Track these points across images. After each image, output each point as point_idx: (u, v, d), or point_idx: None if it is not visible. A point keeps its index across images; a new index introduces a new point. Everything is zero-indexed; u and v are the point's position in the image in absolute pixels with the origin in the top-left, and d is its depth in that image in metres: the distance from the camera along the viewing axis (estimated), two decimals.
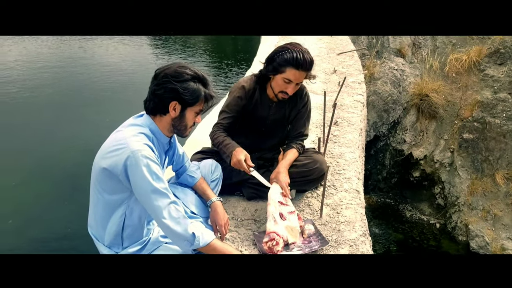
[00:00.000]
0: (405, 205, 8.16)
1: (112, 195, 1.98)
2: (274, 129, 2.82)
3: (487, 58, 7.94)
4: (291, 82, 2.52)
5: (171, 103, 2.00)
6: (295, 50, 2.46)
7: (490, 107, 7.45)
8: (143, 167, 1.86)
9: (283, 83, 2.54)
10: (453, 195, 7.56)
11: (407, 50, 8.93)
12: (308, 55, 2.48)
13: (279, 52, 2.51)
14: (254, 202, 2.75)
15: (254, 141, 2.83)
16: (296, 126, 2.83)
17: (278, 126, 2.82)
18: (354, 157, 3.19)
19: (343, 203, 2.73)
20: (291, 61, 2.45)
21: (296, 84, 2.54)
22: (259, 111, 2.74)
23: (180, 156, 2.40)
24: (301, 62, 2.44)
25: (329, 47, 5.44)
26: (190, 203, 2.39)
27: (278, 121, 2.79)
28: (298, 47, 2.50)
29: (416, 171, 8.22)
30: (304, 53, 2.47)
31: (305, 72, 2.51)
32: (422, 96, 8.15)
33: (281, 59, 2.48)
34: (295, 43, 2.57)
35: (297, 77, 2.50)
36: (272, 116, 2.77)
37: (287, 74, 2.49)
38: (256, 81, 2.71)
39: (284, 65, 2.48)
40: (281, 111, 2.77)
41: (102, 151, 1.98)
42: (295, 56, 2.44)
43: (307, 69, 2.49)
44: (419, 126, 8.28)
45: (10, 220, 5.06)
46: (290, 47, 2.50)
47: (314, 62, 2.55)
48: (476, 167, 7.48)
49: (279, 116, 2.78)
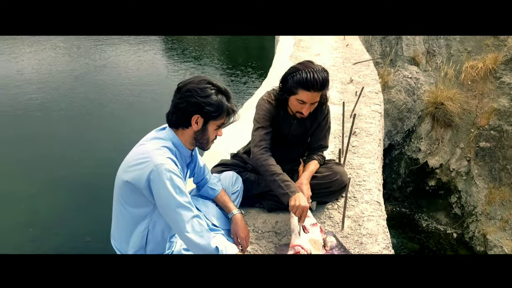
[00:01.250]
0: (421, 215, 8.07)
1: (135, 209, 1.98)
2: (295, 143, 2.80)
3: (503, 66, 7.86)
4: (304, 103, 2.49)
5: (193, 117, 2.00)
6: (306, 71, 2.42)
7: (507, 115, 7.36)
8: (167, 181, 1.86)
9: (298, 104, 2.51)
10: (470, 204, 7.46)
11: (421, 58, 8.88)
12: (320, 74, 2.41)
13: (291, 73, 2.49)
14: (274, 214, 2.73)
15: (274, 155, 2.81)
16: (316, 138, 2.81)
17: (299, 141, 2.81)
18: (374, 168, 3.16)
19: (364, 215, 2.70)
20: (302, 82, 2.41)
21: (311, 104, 2.52)
22: (281, 127, 2.73)
23: (201, 168, 2.40)
24: (312, 83, 2.40)
25: (344, 56, 5.42)
26: (211, 215, 2.38)
27: (299, 136, 2.78)
28: (310, 66, 2.45)
29: (432, 180, 8.13)
30: (316, 72, 2.41)
31: (319, 92, 2.47)
32: (437, 105, 8.08)
33: (292, 80, 2.46)
34: (307, 61, 2.53)
35: (309, 98, 2.47)
36: (293, 131, 2.76)
37: (300, 96, 2.47)
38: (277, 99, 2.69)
39: (295, 87, 2.45)
40: (302, 127, 2.76)
41: (125, 164, 1.99)
42: (305, 77, 2.40)
43: (318, 89, 2.44)
44: (434, 134, 8.20)
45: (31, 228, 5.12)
46: (301, 67, 2.46)
47: (328, 81, 2.47)
48: (494, 176, 7.38)
49: (300, 131, 2.77)
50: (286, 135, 2.75)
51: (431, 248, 7.35)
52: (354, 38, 6.14)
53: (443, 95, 8.05)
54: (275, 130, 2.71)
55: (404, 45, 8.91)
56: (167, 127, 2.09)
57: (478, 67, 8.10)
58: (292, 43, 5.90)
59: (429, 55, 8.97)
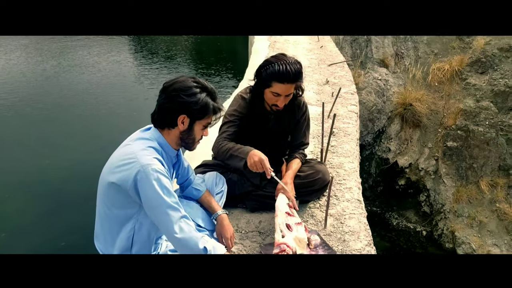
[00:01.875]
0: (391, 213, 8.24)
1: (120, 210, 1.94)
2: (275, 141, 2.81)
3: (468, 67, 8.14)
4: (279, 95, 2.51)
5: (179, 117, 1.98)
6: (279, 63, 2.43)
7: (473, 115, 7.61)
8: (154, 182, 1.83)
9: (273, 97, 2.52)
10: (439, 202, 7.66)
11: (390, 61, 9.09)
12: (293, 66, 2.42)
13: (264, 66, 2.50)
14: (257, 214, 2.73)
15: None
16: (296, 136, 2.83)
17: (280, 138, 2.82)
18: (353, 167, 3.21)
19: (346, 213, 2.74)
20: (275, 75, 2.43)
21: (286, 96, 2.53)
22: (258, 123, 2.73)
23: (185, 169, 2.38)
24: (285, 75, 2.41)
25: (319, 58, 5.49)
26: (196, 216, 2.37)
27: (278, 132, 2.79)
28: (283, 58, 2.46)
29: (402, 179, 8.32)
30: (289, 64, 2.42)
31: (292, 84, 2.48)
32: (406, 106, 8.29)
33: (266, 73, 2.47)
34: (280, 54, 2.54)
35: (284, 90, 2.48)
36: (271, 127, 2.76)
37: (274, 88, 2.48)
38: (252, 95, 2.70)
39: (269, 80, 2.46)
40: (280, 123, 2.77)
41: (110, 165, 1.95)
42: (278, 69, 2.41)
43: (292, 81, 2.45)
44: (404, 135, 8.40)
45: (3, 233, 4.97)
46: (274, 60, 2.47)
47: (301, 72, 2.48)
48: (461, 174, 7.61)
49: (279, 127, 2.78)
50: (265, 130, 2.75)
51: (401, 246, 7.51)
52: (328, 40, 6.23)
53: (411, 96, 8.26)
54: (252, 126, 2.71)
55: (374, 48, 9.09)
56: (152, 127, 2.06)
57: (445, 69, 8.35)
58: (267, 44, 5.93)
59: (397, 57, 9.19)
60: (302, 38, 6.27)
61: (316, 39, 6.24)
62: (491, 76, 7.86)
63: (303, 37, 6.30)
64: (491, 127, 7.41)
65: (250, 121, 2.71)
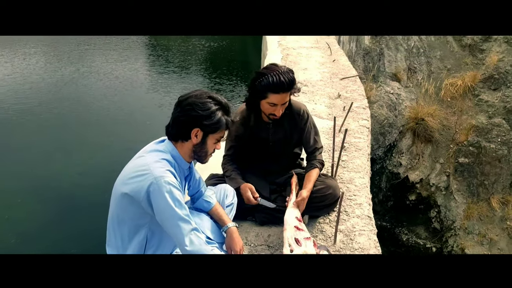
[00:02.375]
0: (401, 229, 8.18)
1: (132, 220, 1.97)
2: (278, 150, 2.83)
3: (481, 84, 8.10)
4: (276, 105, 2.54)
5: (193, 130, 2.01)
6: (272, 74, 2.46)
7: (485, 131, 7.56)
8: (166, 194, 1.86)
9: (270, 107, 2.57)
10: (449, 219, 7.60)
11: (402, 75, 9.07)
12: (286, 75, 2.47)
13: (258, 78, 2.52)
14: (267, 228, 2.74)
15: (263, 165, 2.86)
16: (307, 143, 2.85)
17: (282, 147, 2.83)
18: (364, 183, 3.20)
19: (356, 230, 2.73)
20: (270, 86, 2.46)
21: (282, 104, 2.57)
22: (259, 134, 2.77)
23: (196, 181, 2.39)
24: (279, 85, 2.45)
25: (331, 71, 5.50)
26: (206, 228, 2.38)
27: (280, 141, 2.80)
28: (275, 69, 2.50)
29: (412, 194, 8.27)
30: (282, 74, 2.46)
31: (287, 93, 2.52)
32: (418, 120, 8.26)
33: (260, 85, 2.50)
34: (271, 65, 2.59)
35: (280, 100, 2.52)
36: (273, 137, 2.78)
37: (270, 99, 2.52)
38: (248, 108, 2.73)
39: (264, 91, 2.50)
40: (281, 132, 2.79)
41: (124, 176, 1.97)
42: (271, 80, 2.45)
43: (287, 90, 2.50)
44: (415, 149, 8.36)
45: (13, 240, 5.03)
46: (266, 72, 2.50)
47: (294, 80, 2.54)
48: (472, 191, 7.54)
49: (280, 136, 2.79)
50: (267, 141, 2.78)
51: None
52: (341, 53, 6.25)
53: (423, 111, 8.23)
54: (254, 137, 2.74)
55: (386, 61, 9.10)
56: (166, 140, 2.09)
57: (458, 85, 8.32)
58: (279, 57, 5.97)
59: (410, 71, 9.17)
60: (315, 51, 6.30)
61: (329, 53, 6.26)
62: (503, 93, 7.81)
63: (316, 50, 6.32)
64: (503, 144, 7.36)
65: (249, 134, 2.75)
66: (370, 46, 9.36)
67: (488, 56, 8.50)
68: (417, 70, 9.13)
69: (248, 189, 2.64)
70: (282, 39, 6.96)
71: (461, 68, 8.74)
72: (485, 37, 8.74)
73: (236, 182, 2.70)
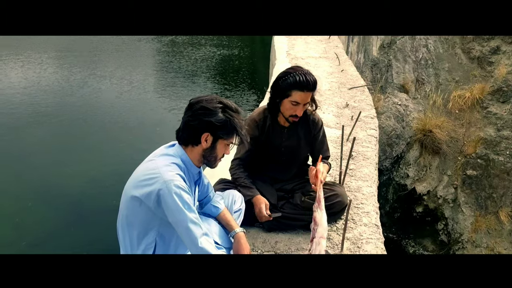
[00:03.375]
0: (408, 241, 8.12)
1: (141, 223, 1.98)
2: (290, 157, 2.84)
3: (490, 96, 8.08)
4: (298, 104, 2.57)
5: (203, 135, 2.02)
6: (298, 73, 2.52)
7: (493, 144, 7.53)
8: (176, 197, 1.87)
9: (291, 106, 2.59)
10: (457, 231, 7.54)
11: (410, 86, 9.08)
12: (310, 76, 2.53)
13: (283, 77, 2.57)
14: (274, 234, 2.74)
15: (273, 171, 2.87)
16: (320, 150, 2.87)
17: (294, 154, 2.85)
18: (372, 191, 3.20)
19: (363, 238, 2.73)
20: (296, 84, 2.51)
21: (304, 105, 2.60)
22: (272, 139, 2.78)
23: (205, 186, 2.40)
24: (305, 83, 2.50)
25: (340, 81, 5.52)
26: (213, 233, 2.38)
27: (292, 148, 2.82)
28: (300, 69, 2.56)
29: (419, 206, 8.22)
30: (307, 74, 2.52)
31: (310, 92, 2.57)
32: (426, 132, 8.24)
33: (285, 83, 2.54)
34: (296, 66, 2.64)
35: (303, 98, 2.56)
36: (285, 142, 2.80)
37: (294, 97, 2.55)
38: (266, 110, 2.76)
39: (289, 89, 2.54)
40: (294, 137, 2.80)
41: (134, 179, 1.99)
42: (298, 79, 2.50)
43: (311, 89, 2.55)
44: (422, 161, 8.33)
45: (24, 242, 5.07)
46: (291, 71, 2.56)
47: (317, 82, 2.60)
48: (480, 204, 7.49)
49: (293, 142, 2.81)
50: (279, 146, 2.79)
51: None
52: (349, 64, 6.27)
53: (431, 122, 8.22)
54: (267, 142, 2.76)
55: (394, 73, 9.11)
56: (176, 144, 2.11)
57: (466, 97, 8.31)
58: (287, 66, 6.01)
59: (418, 83, 9.18)
60: (323, 61, 6.33)
61: (337, 63, 6.29)
62: None
63: (324, 60, 6.36)
64: (511, 157, 7.32)
65: (264, 138, 2.76)
66: (378, 57, 9.39)
67: (496, 68, 8.49)
68: (425, 81, 9.13)
69: (264, 203, 2.62)
70: (291, 49, 7.00)
71: (469, 80, 8.73)
72: (493, 49, 8.74)
73: (251, 192, 2.68)
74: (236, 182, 2.77)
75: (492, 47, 8.74)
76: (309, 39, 7.72)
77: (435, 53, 9.38)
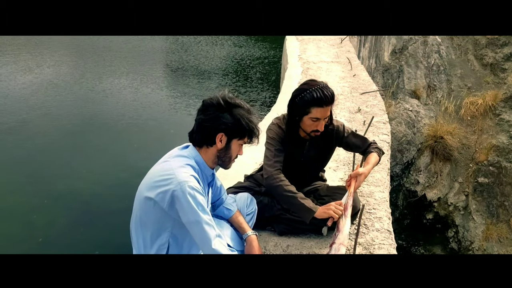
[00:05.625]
0: (417, 248, 8.06)
1: (154, 224, 1.98)
2: (309, 166, 2.83)
3: (502, 103, 8.01)
4: (319, 119, 2.54)
5: (218, 135, 2.02)
6: (313, 89, 2.48)
7: (506, 151, 7.46)
8: (190, 198, 1.87)
9: (312, 123, 2.56)
10: (467, 239, 7.47)
11: (422, 92, 9.03)
12: (327, 90, 2.49)
13: (299, 95, 2.53)
14: (285, 238, 2.72)
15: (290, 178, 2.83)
16: (356, 144, 2.85)
17: (315, 163, 2.84)
18: (384, 197, 3.18)
19: (375, 243, 2.70)
20: (314, 100, 2.47)
21: (324, 118, 2.57)
22: (293, 150, 2.75)
23: (218, 188, 2.41)
24: (324, 99, 2.47)
25: (352, 86, 5.51)
26: (226, 236, 2.37)
27: (313, 158, 2.80)
28: (315, 84, 2.52)
29: (430, 213, 8.16)
30: (324, 89, 2.49)
31: (330, 106, 2.54)
32: (437, 138, 8.18)
33: (303, 101, 2.50)
34: (310, 81, 2.60)
35: (323, 114, 2.53)
36: (306, 153, 2.78)
37: (314, 114, 2.51)
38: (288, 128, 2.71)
39: (308, 106, 2.50)
40: (316, 149, 2.79)
41: (148, 180, 1.99)
42: (315, 95, 2.46)
43: (330, 102, 2.51)
44: (433, 168, 8.27)
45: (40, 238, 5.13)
46: (307, 87, 2.52)
47: (335, 95, 2.56)
48: (491, 212, 7.42)
49: (314, 153, 2.79)
50: (299, 157, 2.77)
51: None
52: (361, 69, 6.25)
53: (442, 129, 8.16)
54: (287, 154, 2.73)
55: (406, 79, 9.07)
56: (190, 145, 2.11)
57: (478, 103, 8.25)
58: (300, 71, 6.00)
59: (430, 89, 9.13)
60: (335, 66, 6.32)
61: (349, 68, 6.27)
62: None
63: (336, 65, 6.35)
64: None
65: (286, 147, 2.74)
66: (389, 62, 9.35)
67: (510, 75, 8.43)
68: (437, 87, 9.07)
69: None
70: (303, 53, 7.00)
71: (482, 87, 8.67)
72: (507, 56, 8.67)
73: (313, 206, 2.52)
74: (278, 193, 2.57)
75: (506, 53, 8.67)
76: (321, 43, 7.71)
77: (448, 59, 9.33)
